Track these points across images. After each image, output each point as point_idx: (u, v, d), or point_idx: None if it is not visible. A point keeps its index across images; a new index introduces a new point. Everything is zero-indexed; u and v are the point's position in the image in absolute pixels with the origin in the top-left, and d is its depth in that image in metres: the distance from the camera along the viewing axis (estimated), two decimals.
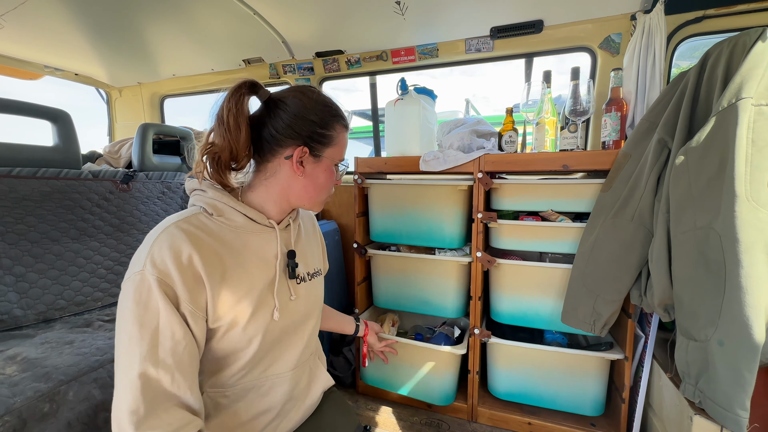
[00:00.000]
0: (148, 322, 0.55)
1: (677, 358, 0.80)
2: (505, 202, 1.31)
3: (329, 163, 0.74)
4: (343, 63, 1.72)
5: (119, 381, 0.55)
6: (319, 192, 0.75)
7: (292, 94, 0.70)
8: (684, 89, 0.96)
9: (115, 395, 0.56)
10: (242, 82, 0.66)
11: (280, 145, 0.69)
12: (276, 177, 0.71)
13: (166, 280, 0.56)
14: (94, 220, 1.44)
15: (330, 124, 0.72)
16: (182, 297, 0.58)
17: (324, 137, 0.71)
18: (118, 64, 2.02)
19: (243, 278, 0.66)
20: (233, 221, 0.67)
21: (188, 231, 0.60)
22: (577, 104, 1.25)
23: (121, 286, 0.58)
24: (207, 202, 0.66)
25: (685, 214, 0.80)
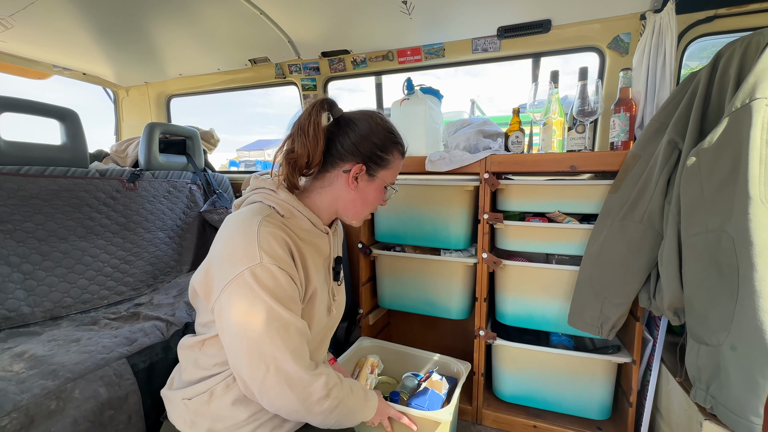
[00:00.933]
0: (282, 298, 0.65)
1: (688, 363, 0.79)
2: (512, 203, 1.30)
3: (381, 183, 0.81)
4: (348, 63, 1.72)
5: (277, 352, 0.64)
6: (365, 208, 0.82)
7: (362, 117, 0.78)
8: (695, 89, 0.95)
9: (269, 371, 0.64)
10: (323, 99, 0.75)
11: (342, 159, 0.77)
12: (331, 187, 0.79)
13: (282, 265, 0.65)
14: (100, 219, 1.45)
15: (389, 149, 0.80)
16: (294, 275, 0.68)
17: (382, 159, 0.79)
18: (126, 64, 2.04)
19: (310, 275, 0.74)
20: (300, 225, 0.75)
21: (278, 225, 0.69)
22: (585, 104, 1.24)
23: (229, 285, 0.64)
24: (279, 204, 0.74)
25: (696, 216, 0.79)
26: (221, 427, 0.72)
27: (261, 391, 0.65)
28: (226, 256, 0.66)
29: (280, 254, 0.66)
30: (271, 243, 0.65)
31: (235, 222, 0.70)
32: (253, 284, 0.63)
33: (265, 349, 0.63)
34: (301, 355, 0.66)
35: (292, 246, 0.70)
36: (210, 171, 2.06)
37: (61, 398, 0.80)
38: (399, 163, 0.84)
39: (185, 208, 1.80)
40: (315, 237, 0.78)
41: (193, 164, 1.95)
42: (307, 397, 0.67)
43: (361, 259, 1.51)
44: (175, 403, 0.77)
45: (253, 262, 0.63)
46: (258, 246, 0.64)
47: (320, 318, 0.79)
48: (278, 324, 0.64)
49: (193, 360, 0.78)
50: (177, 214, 1.75)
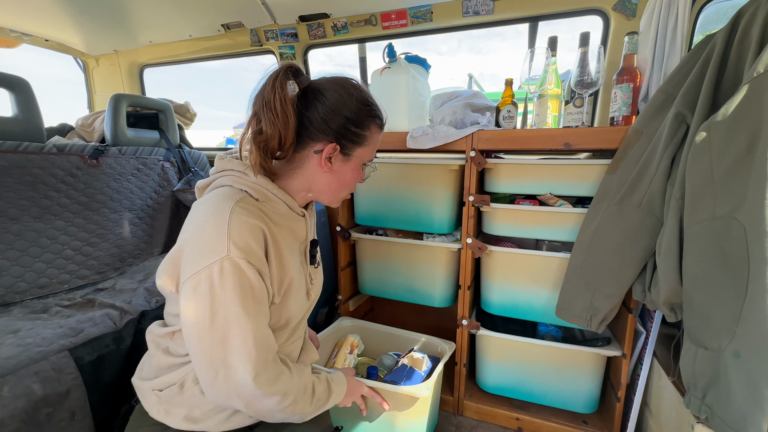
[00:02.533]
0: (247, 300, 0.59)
1: (682, 366, 0.70)
2: (501, 184, 1.20)
3: (358, 162, 0.74)
4: (329, 28, 1.57)
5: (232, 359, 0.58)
6: (342, 189, 0.76)
7: (332, 86, 0.69)
8: (710, 55, 0.82)
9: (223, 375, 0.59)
10: (286, 66, 0.65)
11: (311, 138, 0.69)
12: (303, 168, 0.71)
13: (252, 260, 0.59)
14: (59, 198, 1.34)
15: (365, 124, 0.71)
16: (264, 270, 0.62)
17: (357, 136, 0.71)
18: (92, 29, 1.88)
19: (290, 264, 0.69)
20: (276, 209, 0.69)
21: (253, 211, 0.63)
22: (584, 74, 1.11)
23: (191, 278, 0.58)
24: (252, 187, 0.67)
25: (702, 200, 0.68)
26: (199, 413, 0.68)
27: (208, 393, 0.62)
28: (195, 246, 0.60)
29: (252, 248, 0.60)
30: (244, 234, 0.59)
31: (205, 209, 0.63)
32: (217, 281, 0.57)
33: (216, 355, 0.58)
34: (255, 367, 0.59)
35: (267, 235, 0.63)
36: (187, 148, 1.94)
37: None
38: (377, 138, 0.76)
39: (157, 186, 1.69)
40: (291, 221, 0.72)
41: (167, 140, 1.82)
42: (255, 407, 0.63)
43: (339, 243, 1.42)
44: (146, 393, 0.72)
45: (220, 255, 0.57)
46: (228, 236, 0.57)
47: (300, 305, 0.75)
48: (238, 330, 0.58)
49: (164, 347, 0.73)
50: (147, 193, 1.65)
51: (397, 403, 0.99)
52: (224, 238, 0.57)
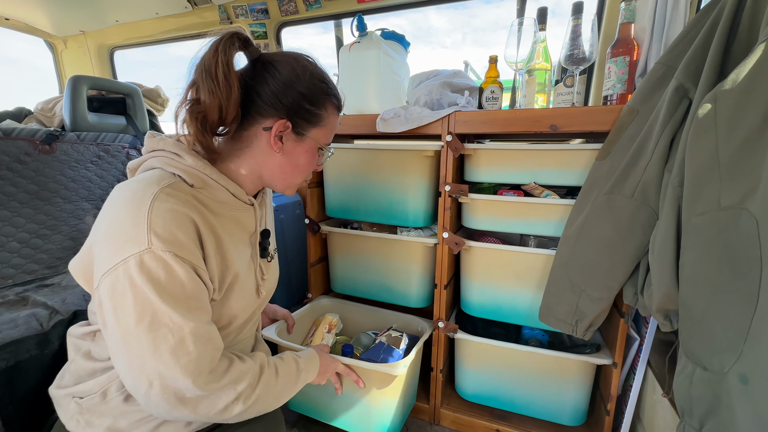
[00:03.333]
0: (176, 296, 0.52)
1: (676, 387, 0.58)
2: (481, 173, 1.08)
3: (312, 145, 0.68)
4: (300, 3, 1.44)
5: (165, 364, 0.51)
6: (296, 174, 0.69)
7: (285, 59, 0.63)
8: (718, 16, 0.70)
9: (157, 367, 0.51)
10: (234, 32, 0.58)
11: (260, 114, 0.62)
12: (251, 149, 0.65)
13: (180, 253, 0.52)
14: (4, 186, 1.24)
15: (321, 102, 0.66)
16: (197, 264, 0.54)
17: (312, 115, 0.65)
18: (56, 8, 1.76)
19: (233, 257, 0.62)
20: (216, 196, 0.61)
21: (183, 199, 0.55)
22: (575, 48, 0.98)
23: (107, 275, 0.50)
24: (186, 170, 0.59)
25: (705, 187, 0.56)
26: (125, 424, 0.60)
27: (147, 405, 0.54)
28: (109, 236, 0.52)
29: (179, 239, 0.52)
30: (168, 224, 0.51)
31: (123, 193, 0.55)
32: (137, 277, 0.49)
33: (146, 362, 0.51)
34: (197, 368, 0.53)
35: (201, 226, 0.56)
36: None
37: None
38: (335, 120, 0.71)
39: (120, 175, 1.58)
40: (236, 210, 0.65)
41: (134, 126, 1.71)
42: (206, 412, 0.55)
43: (309, 237, 1.31)
44: (63, 402, 0.64)
45: (139, 248, 0.49)
46: (148, 227, 0.50)
47: (247, 303, 0.69)
48: (166, 331, 0.51)
49: (85, 351, 0.64)
50: (109, 182, 1.54)
51: (373, 381, 0.95)
52: (144, 229, 0.50)
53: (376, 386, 0.96)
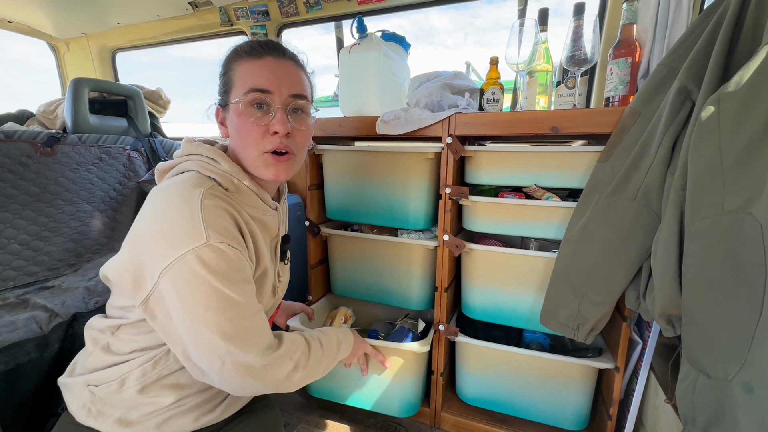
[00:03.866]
0: (236, 280, 0.57)
1: (679, 394, 0.58)
2: (482, 175, 1.07)
3: (233, 107, 0.65)
4: (301, 5, 1.44)
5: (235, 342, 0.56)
6: (245, 145, 0.65)
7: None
8: (722, 17, 0.69)
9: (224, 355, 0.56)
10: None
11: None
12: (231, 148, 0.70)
13: (233, 243, 0.57)
14: (5, 188, 1.24)
15: (226, 67, 0.66)
16: (245, 254, 0.60)
17: (225, 84, 0.66)
18: (58, 10, 1.77)
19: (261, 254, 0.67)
20: (247, 201, 0.66)
21: (224, 199, 0.61)
22: (576, 49, 0.97)
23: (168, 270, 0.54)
24: (222, 175, 0.63)
25: (709, 191, 0.55)
26: (135, 416, 0.61)
27: (221, 383, 0.58)
28: (162, 235, 0.55)
29: (230, 231, 0.58)
30: (219, 218, 0.56)
31: (168, 194, 0.58)
32: (200, 268, 0.53)
33: (217, 344, 0.55)
34: (259, 341, 0.59)
35: (241, 222, 0.62)
36: (160, 137, 1.83)
37: None
38: (245, 68, 0.64)
39: (121, 177, 1.58)
40: (263, 214, 0.70)
41: (135, 128, 1.72)
42: (273, 380, 0.61)
43: (309, 239, 1.30)
44: (76, 390, 0.64)
45: (198, 242, 0.53)
46: (203, 222, 0.54)
47: (267, 300, 0.74)
48: (232, 313, 0.56)
49: (104, 344, 0.65)
50: (110, 184, 1.54)
51: (399, 360, 1.07)
52: (200, 225, 0.54)
53: (402, 364, 1.07)
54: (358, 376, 1.08)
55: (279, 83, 0.63)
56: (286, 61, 0.66)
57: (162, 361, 0.63)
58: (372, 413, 1.25)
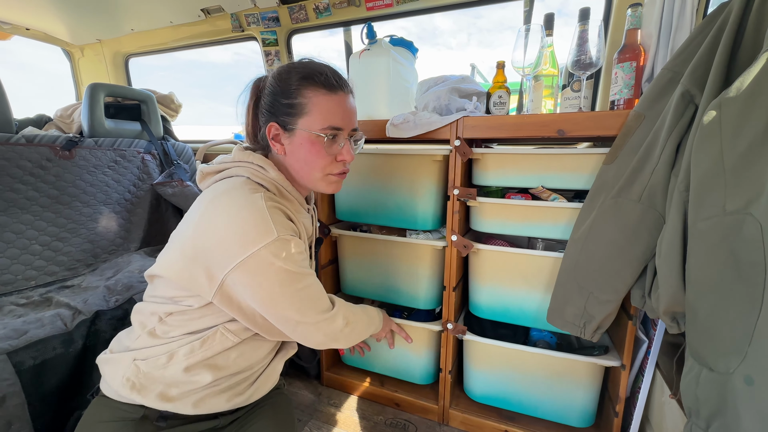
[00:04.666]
0: (301, 261, 0.67)
1: (683, 387, 0.60)
2: (489, 177, 1.09)
3: (305, 135, 0.69)
4: (310, 11, 1.47)
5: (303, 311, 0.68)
6: (308, 169, 0.73)
7: (271, 74, 0.73)
8: (723, 24, 0.71)
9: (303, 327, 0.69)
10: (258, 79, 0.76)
11: (264, 125, 0.72)
12: (274, 157, 0.75)
13: (296, 235, 0.68)
14: (26, 191, 1.29)
15: (296, 92, 0.68)
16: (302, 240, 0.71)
17: (291, 107, 0.68)
18: (74, 17, 1.82)
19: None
20: (290, 205, 0.72)
21: (275, 200, 0.68)
22: (582, 53, 0.99)
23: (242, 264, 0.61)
24: (270, 182, 0.71)
25: (711, 193, 0.57)
26: (175, 393, 0.66)
27: (292, 336, 0.71)
28: (235, 235, 0.61)
29: (290, 225, 0.67)
30: (281, 217, 0.65)
31: (231, 199, 0.64)
32: (275, 260, 0.62)
33: (290, 315, 0.67)
34: (322, 305, 0.72)
35: (293, 218, 0.70)
36: (171, 140, 1.88)
37: None
38: (324, 100, 0.69)
39: (136, 179, 1.63)
40: (303, 217, 0.76)
41: (149, 131, 1.76)
42: (332, 332, 0.74)
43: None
44: (121, 364, 0.67)
45: (270, 237, 0.61)
46: (272, 222, 0.62)
47: None
48: (301, 286, 0.66)
49: (151, 329, 0.70)
50: (125, 186, 1.59)
51: (420, 335, 1.22)
52: (269, 224, 0.62)
53: (421, 339, 1.23)
54: (385, 349, 1.28)
55: (348, 120, 0.74)
56: (350, 96, 0.76)
57: (209, 341, 0.68)
58: (383, 408, 1.28)
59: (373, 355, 1.36)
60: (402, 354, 1.29)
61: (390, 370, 1.34)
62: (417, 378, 1.30)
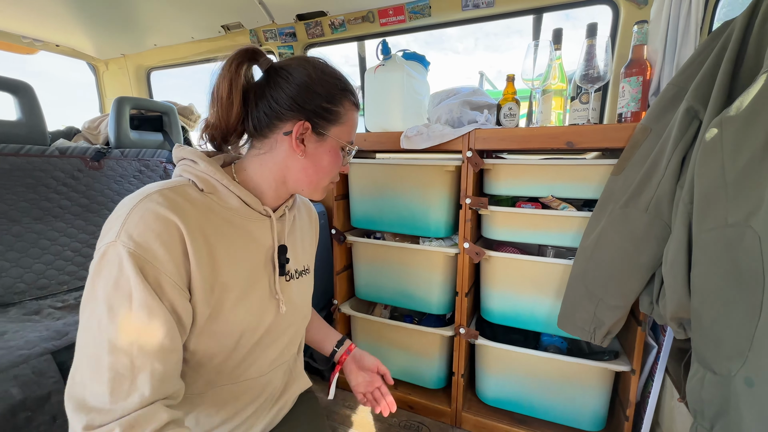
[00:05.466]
0: (119, 305, 0.46)
1: (689, 390, 0.63)
2: (500, 186, 1.13)
3: (334, 144, 0.65)
4: (326, 26, 1.54)
5: (84, 368, 0.46)
6: (321, 176, 0.66)
7: (297, 63, 0.63)
8: (726, 42, 0.74)
9: (76, 380, 0.47)
10: (241, 49, 0.60)
11: (279, 119, 0.61)
12: (272, 154, 0.63)
13: (144, 255, 0.47)
14: (59, 200, 1.36)
15: (338, 100, 0.64)
16: (166, 274, 0.49)
17: (330, 113, 0.63)
18: (101, 34, 1.92)
19: (229, 268, 0.58)
20: (226, 203, 0.60)
21: (174, 200, 0.52)
22: (590, 67, 1.03)
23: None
24: (198, 175, 0.59)
25: (713, 206, 0.61)
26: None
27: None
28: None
29: (148, 242, 0.47)
30: (145, 224, 0.48)
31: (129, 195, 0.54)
32: (95, 269, 0.48)
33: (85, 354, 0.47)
34: (115, 387, 0.44)
35: (190, 231, 0.51)
36: None
37: None
38: (354, 116, 0.68)
39: None
40: (248, 220, 0.62)
41: (170, 142, 1.84)
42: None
43: (335, 246, 1.38)
44: None
45: (109, 239, 0.47)
46: (123, 222, 0.47)
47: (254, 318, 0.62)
48: (96, 334, 0.46)
49: None
50: None
51: (430, 341, 1.29)
52: (119, 224, 0.47)
53: (432, 344, 1.28)
54: (397, 356, 1.35)
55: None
56: None
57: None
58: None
59: (386, 360, 1.39)
60: (414, 359, 1.33)
61: (403, 374, 1.38)
62: (429, 382, 1.34)
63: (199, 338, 0.56)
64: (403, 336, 1.33)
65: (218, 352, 0.59)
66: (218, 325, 0.57)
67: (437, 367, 1.31)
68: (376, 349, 1.41)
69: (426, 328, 1.25)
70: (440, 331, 1.23)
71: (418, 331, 1.27)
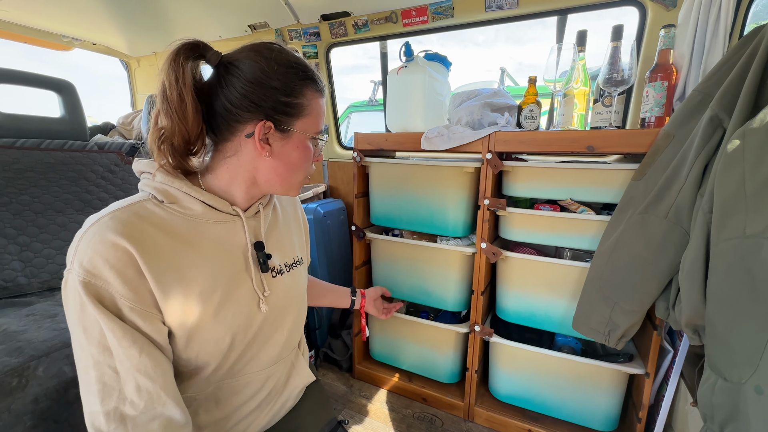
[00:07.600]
0: (90, 327, 0.49)
1: (700, 395, 0.64)
2: (519, 188, 1.15)
3: (302, 138, 0.61)
4: (350, 26, 1.56)
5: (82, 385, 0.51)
6: (293, 173, 0.63)
7: (246, 55, 0.57)
8: (755, 50, 0.74)
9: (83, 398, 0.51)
10: (181, 44, 0.54)
11: (238, 121, 0.57)
12: (238, 158, 0.59)
13: (95, 282, 0.48)
14: (98, 192, 1.46)
15: (299, 90, 0.58)
16: (122, 297, 0.49)
17: (291, 107, 0.58)
18: (134, 33, 2.00)
19: (203, 275, 0.57)
20: (189, 209, 0.57)
21: (127, 221, 0.51)
22: (614, 71, 1.03)
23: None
24: (157, 187, 0.56)
25: (732, 216, 0.61)
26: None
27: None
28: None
29: (97, 269, 0.48)
30: (91, 252, 0.48)
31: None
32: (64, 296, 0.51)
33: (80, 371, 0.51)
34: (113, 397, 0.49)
35: (143, 252, 0.50)
36: None
37: (23, 376, 0.80)
38: (319, 104, 0.62)
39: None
40: (216, 223, 0.60)
41: None
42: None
43: (354, 242, 1.43)
44: None
45: (67, 267, 0.49)
46: (75, 250, 0.49)
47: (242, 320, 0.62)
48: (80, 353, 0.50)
49: None
50: None
51: (444, 336, 1.34)
52: (73, 252, 0.50)
53: (446, 340, 1.33)
54: (412, 350, 1.42)
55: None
56: None
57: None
58: (411, 402, 1.37)
59: (401, 353, 1.45)
60: (429, 353, 1.38)
61: (417, 368, 1.43)
62: (443, 376, 1.38)
63: (191, 347, 0.57)
64: (419, 331, 1.37)
65: (213, 355, 0.59)
66: (207, 332, 0.57)
67: (451, 362, 1.35)
68: (392, 343, 1.46)
69: (442, 325, 1.29)
70: (456, 327, 1.27)
71: (434, 327, 1.31)
